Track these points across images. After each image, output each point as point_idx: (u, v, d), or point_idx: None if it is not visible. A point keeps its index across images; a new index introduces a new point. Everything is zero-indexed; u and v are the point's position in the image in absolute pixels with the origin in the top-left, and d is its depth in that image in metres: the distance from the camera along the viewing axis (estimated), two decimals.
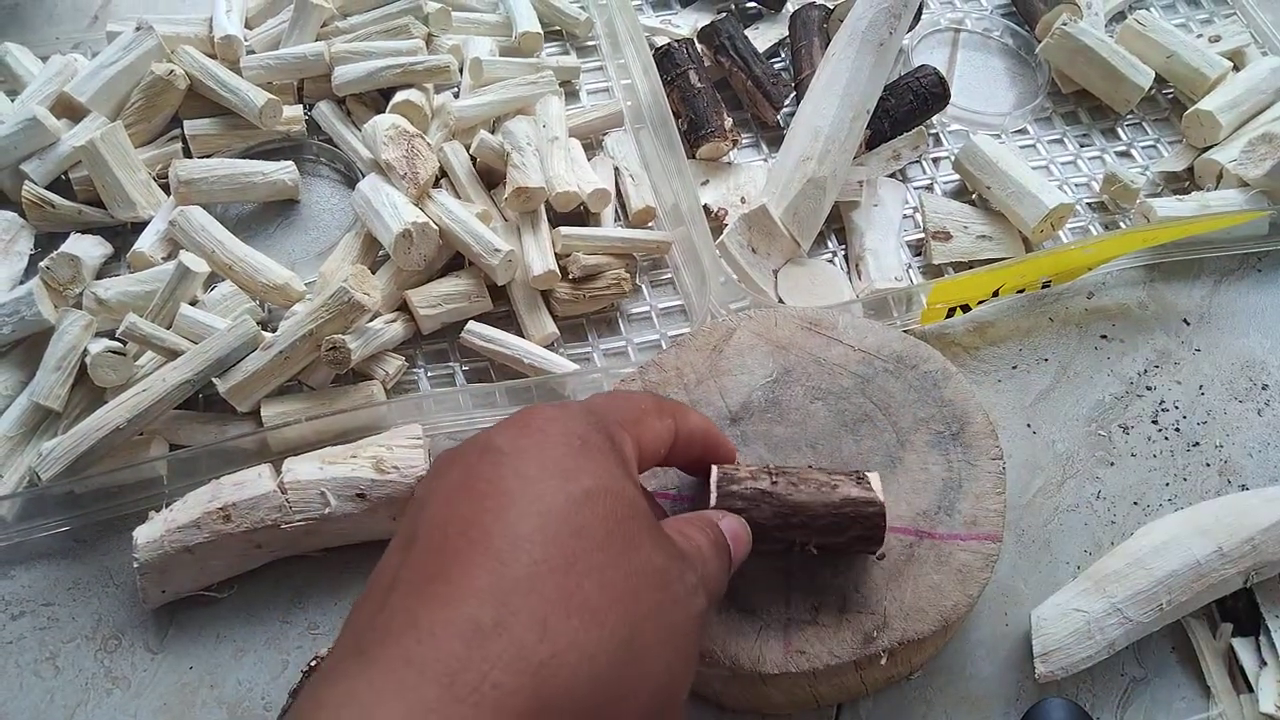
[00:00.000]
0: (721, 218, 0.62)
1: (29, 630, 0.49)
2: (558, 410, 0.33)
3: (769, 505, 0.38)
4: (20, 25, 0.73)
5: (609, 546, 0.29)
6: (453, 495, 0.30)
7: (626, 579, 0.29)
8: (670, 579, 0.31)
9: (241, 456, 0.51)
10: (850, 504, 0.39)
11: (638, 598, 0.29)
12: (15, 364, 0.55)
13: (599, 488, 0.30)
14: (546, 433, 0.32)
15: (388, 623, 0.27)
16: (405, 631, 0.27)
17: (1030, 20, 0.74)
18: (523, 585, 0.27)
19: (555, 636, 0.27)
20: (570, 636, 0.27)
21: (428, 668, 0.26)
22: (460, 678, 0.26)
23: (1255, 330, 0.61)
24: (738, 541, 0.37)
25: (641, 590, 0.30)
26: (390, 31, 0.66)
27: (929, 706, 0.47)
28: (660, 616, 0.30)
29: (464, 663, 0.26)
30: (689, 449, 0.39)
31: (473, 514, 0.29)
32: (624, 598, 0.29)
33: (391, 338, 0.56)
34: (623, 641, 0.28)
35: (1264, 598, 0.49)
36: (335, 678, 0.27)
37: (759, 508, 0.38)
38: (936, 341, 0.59)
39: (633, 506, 0.31)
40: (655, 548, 0.31)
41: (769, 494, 0.39)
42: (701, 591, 0.32)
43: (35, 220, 0.60)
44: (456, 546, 0.29)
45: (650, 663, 0.29)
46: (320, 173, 0.67)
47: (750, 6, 0.76)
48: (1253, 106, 0.67)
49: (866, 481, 0.40)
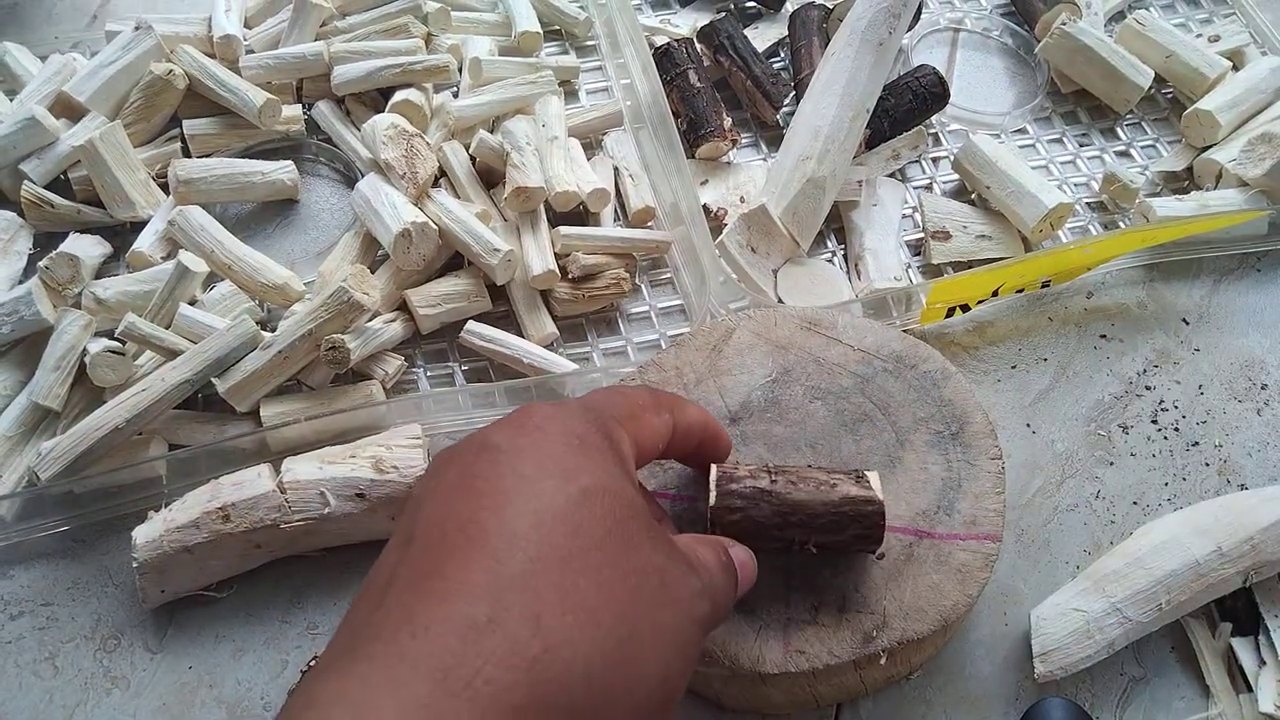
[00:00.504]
0: (721, 217, 0.62)
1: (28, 630, 0.49)
2: (555, 408, 0.33)
3: (768, 504, 0.39)
4: (19, 25, 0.73)
5: (606, 545, 0.29)
6: (450, 493, 0.30)
7: (624, 578, 0.29)
8: (670, 579, 0.31)
9: (241, 456, 0.51)
10: (849, 503, 0.39)
11: (635, 596, 0.29)
12: (14, 364, 0.55)
13: (597, 486, 0.30)
14: (545, 430, 0.32)
15: (383, 619, 0.27)
16: (399, 627, 0.27)
17: (1030, 20, 0.74)
18: (518, 582, 0.27)
19: (549, 633, 0.27)
20: (565, 633, 0.27)
21: (420, 663, 0.26)
22: (453, 673, 0.25)
23: (1254, 330, 0.61)
24: (745, 569, 0.37)
25: (640, 589, 0.29)
26: (389, 31, 0.66)
27: (928, 706, 0.47)
28: (659, 616, 0.30)
29: (458, 658, 0.26)
30: (686, 442, 0.39)
31: (470, 511, 0.29)
32: (621, 596, 0.29)
33: (391, 337, 0.56)
34: (619, 640, 0.28)
35: (1263, 597, 0.49)
36: (328, 675, 0.27)
37: (758, 506, 0.38)
38: (936, 341, 0.59)
39: (631, 506, 0.31)
40: (654, 548, 0.31)
41: (768, 492, 0.39)
42: (705, 598, 0.32)
43: (34, 220, 0.60)
44: (454, 543, 0.29)
45: (647, 662, 0.29)
46: (319, 172, 0.67)
47: (750, 6, 0.76)
48: (1252, 106, 0.67)
49: (866, 480, 0.40)
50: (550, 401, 0.34)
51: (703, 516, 0.41)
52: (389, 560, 0.30)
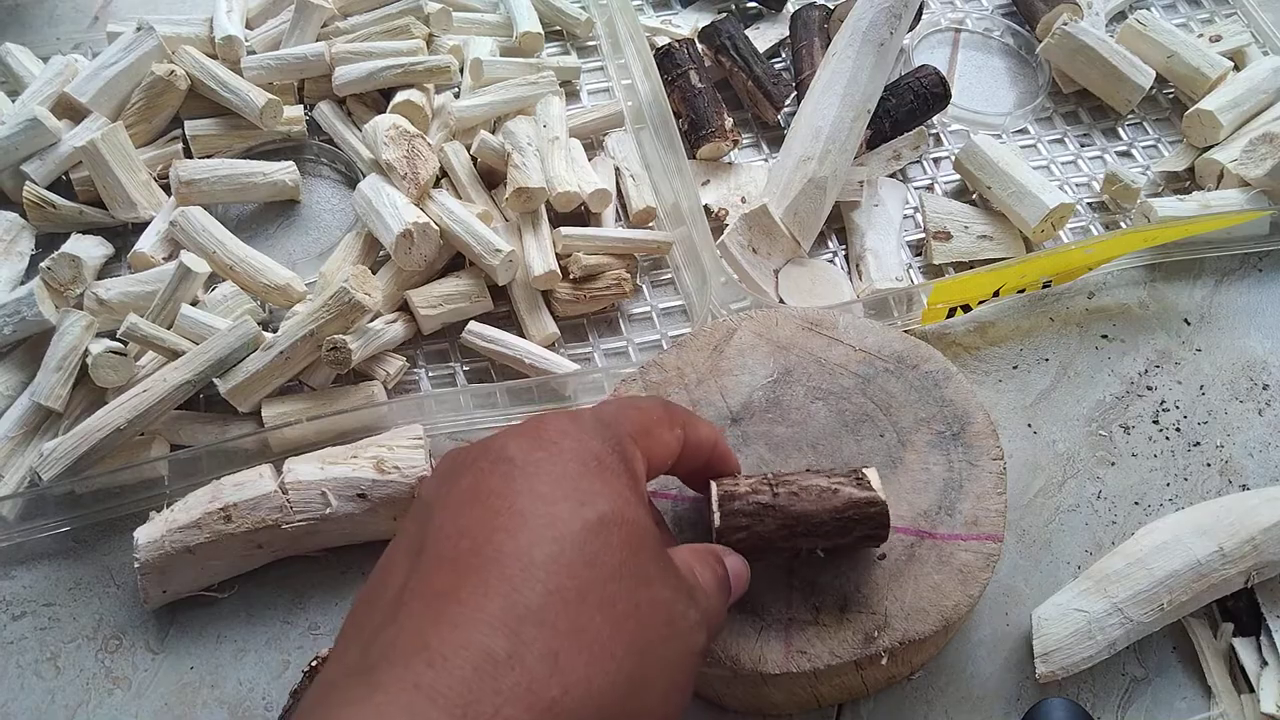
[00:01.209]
0: (722, 218, 0.62)
1: (30, 630, 0.49)
2: (570, 421, 0.33)
3: (773, 519, 0.38)
4: (21, 26, 0.73)
5: (620, 578, 0.29)
6: (463, 506, 0.30)
7: (636, 612, 0.29)
8: (676, 614, 0.31)
9: (242, 457, 0.51)
10: (853, 506, 0.39)
11: (644, 632, 0.29)
12: (16, 364, 0.55)
13: (613, 514, 0.30)
14: (561, 446, 0.32)
15: (395, 639, 0.27)
16: (415, 654, 0.26)
17: (1031, 20, 0.74)
18: (535, 615, 0.27)
19: (566, 672, 0.27)
20: (581, 672, 0.27)
21: (438, 696, 0.25)
22: (471, 709, 0.25)
23: (1256, 330, 0.61)
24: (738, 580, 0.37)
25: (649, 624, 0.29)
26: (391, 32, 0.66)
27: (929, 706, 0.47)
28: (664, 650, 0.30)
29: (475, 694, 0.25)
30: (694, 460, 0.38)
31: (485, 531, 0.29)
32: (633, 631, 0.29)
33: (392, 338, 0.56)
34: (628, 676, 0.28)
35: (1265, 598, 0.49)
36: (341, 700, 0.26)
37: (763, 522, 0.38)
38: (937, 341, 0.59)
39: (644, 535, 0.31)
40: (664, 582, 0.31)
41: (772, 507, 0.38)
42: (702, 629, 0.32)
43: (36, 220, 0.60)
44: (469, 564, 0.28)
45: (651, 695, 0.29)
46: (321, 173, 0.67)
47: (751, 6, 0.76)
48: (1254, 106, 0.67)
49: (866, 480, 0.40)
50: (564, 413, 0.34)
51: (704, 518, 0.41)
52: (398, 567, 0.30)
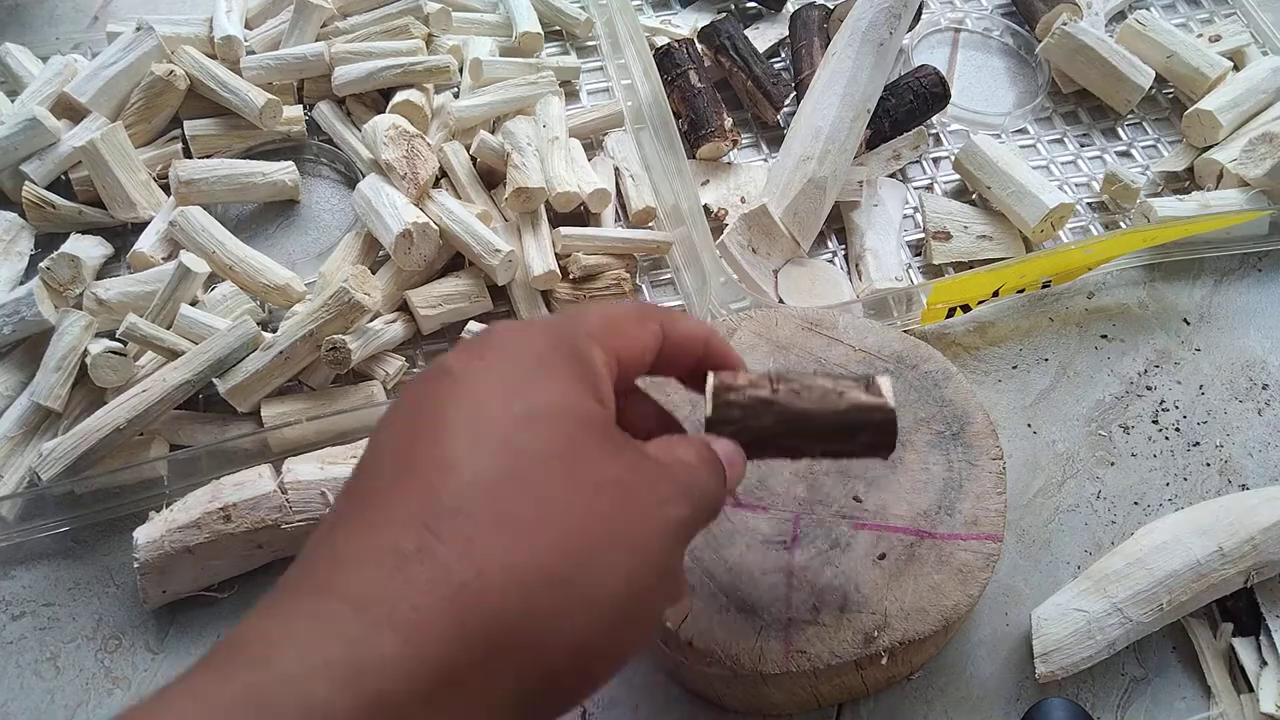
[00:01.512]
0: (722, 218, 0.62)
1: (30, 630, 0.49)
2: (520, 327, 0.32)
3: (770, 415, 0.35)
4: (20, 25, 0.73)
5: (550, 461, 0.28)
6: (394, 424, 0.30)
7: (571, 493, 0.28)
8: (633, 490, 0.29)
9: (242, 457, 0.51)
10: (858, 410, 0.36)
11: (586, 512, 0.28)
12: (15, 364, 0.55)
13: (546, 404, 0.29)
14: (502, 351, 0.30)
15: (311, 556, 0.27)
16: (321, 561, 0.26)
17: (1030, 20, 0.74)
18: (449, 510, 0.26)
19: (480, 556, 0.26)
20: (500, 556, 0.26)
21: (346, 596, 0.25)
22: (375, 603, 0.25)
23: (1255, 330, 0.61)
24: (733, 464, 0.34)
25: (592, 504, 0.28)
26: (390, 32, 0.66)
27: (929, 706, 0.47)
28: (616, 526, 0.28)
29: (384, 590, 0.25)
30: (682, 356, 0.35)
31: (409, 441, 0.28)
32: (567, 513, 0.28)
33: (392, 338, 0.56)
34: (563, 555, 0.27)
35: (1264, 597, 0.49)
36: (252, 614, 0.26)
37: (759, 417, 0.35)
38: (937, 341, 0.59)
39: (585, 420, 0.30)
40: (613, 460, 0.29)
41: (770, 403, 0.35)
42: (681, 501, 0.30)
43: (35, 220, 0.60)
44: (390, 475, 0.28)
45: (609, 573, 0.28)
46: (320, 173, 0.67)
47: (750, 6, 0.76)
48: (1253, 106, 0.67)
49: (876, 386, 0.36)
50: (520, 320, 0.33)
51: None
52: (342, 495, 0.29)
